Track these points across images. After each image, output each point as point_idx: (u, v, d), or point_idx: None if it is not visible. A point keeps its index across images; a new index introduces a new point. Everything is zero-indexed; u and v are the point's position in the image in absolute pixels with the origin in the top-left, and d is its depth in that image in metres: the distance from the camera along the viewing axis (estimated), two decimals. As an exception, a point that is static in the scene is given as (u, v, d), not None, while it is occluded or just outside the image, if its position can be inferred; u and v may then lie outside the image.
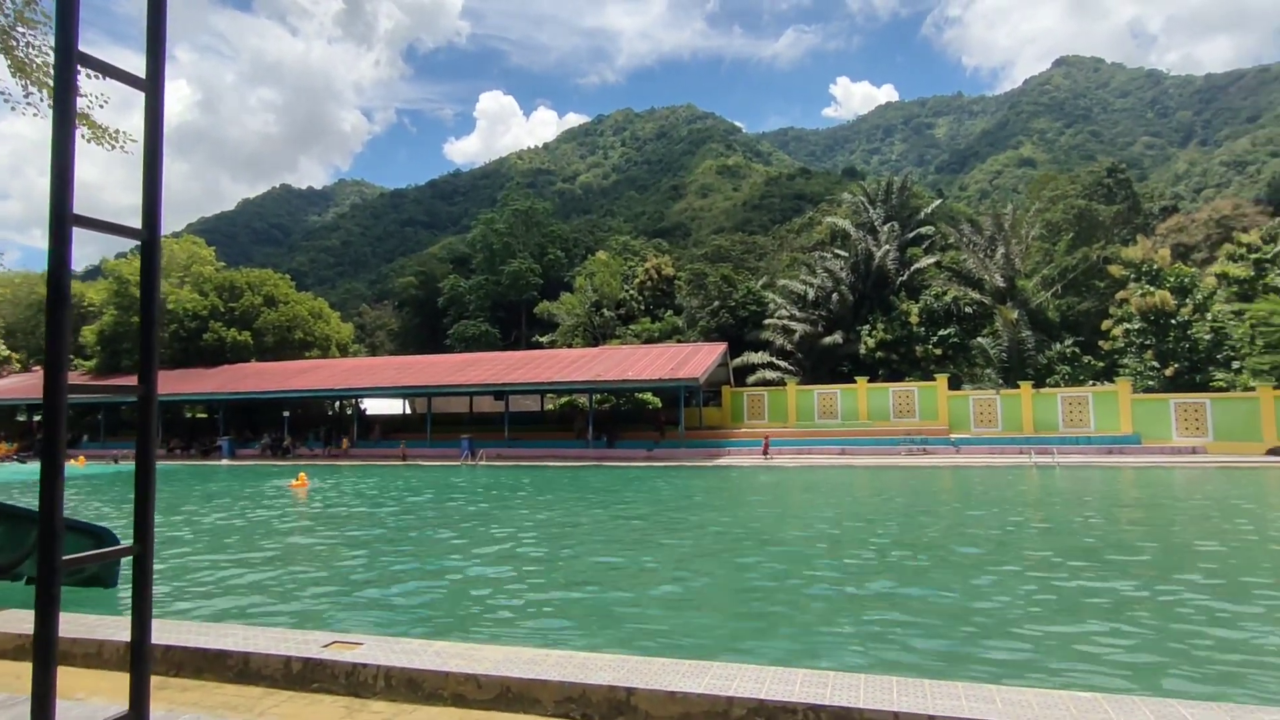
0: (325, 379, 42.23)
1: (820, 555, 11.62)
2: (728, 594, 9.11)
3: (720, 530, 14.17)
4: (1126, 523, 14.72)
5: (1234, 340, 35.10)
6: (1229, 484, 21.18)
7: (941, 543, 12.38)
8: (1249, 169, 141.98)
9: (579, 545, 12.84)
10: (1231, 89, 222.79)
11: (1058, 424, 33.36)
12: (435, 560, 11.51)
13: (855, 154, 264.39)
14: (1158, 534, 13.08)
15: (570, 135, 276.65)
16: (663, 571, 10.49)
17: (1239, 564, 10.48)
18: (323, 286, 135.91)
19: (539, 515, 16.54)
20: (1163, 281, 37.92)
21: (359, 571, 10.72)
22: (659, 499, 19.69)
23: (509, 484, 24.16)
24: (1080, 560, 10.58)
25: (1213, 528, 13.59)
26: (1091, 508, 16.57)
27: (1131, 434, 31.42)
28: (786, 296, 49.04)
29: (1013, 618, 7.66)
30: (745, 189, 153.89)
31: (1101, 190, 58.80)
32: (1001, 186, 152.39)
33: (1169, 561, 10.61)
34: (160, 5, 1.99)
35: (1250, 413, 29.86)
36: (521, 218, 77.26)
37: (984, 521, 14.81)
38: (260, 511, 17.83)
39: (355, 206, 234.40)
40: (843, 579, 9.78)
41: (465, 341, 66.98)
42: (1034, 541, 12.50)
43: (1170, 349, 36.07)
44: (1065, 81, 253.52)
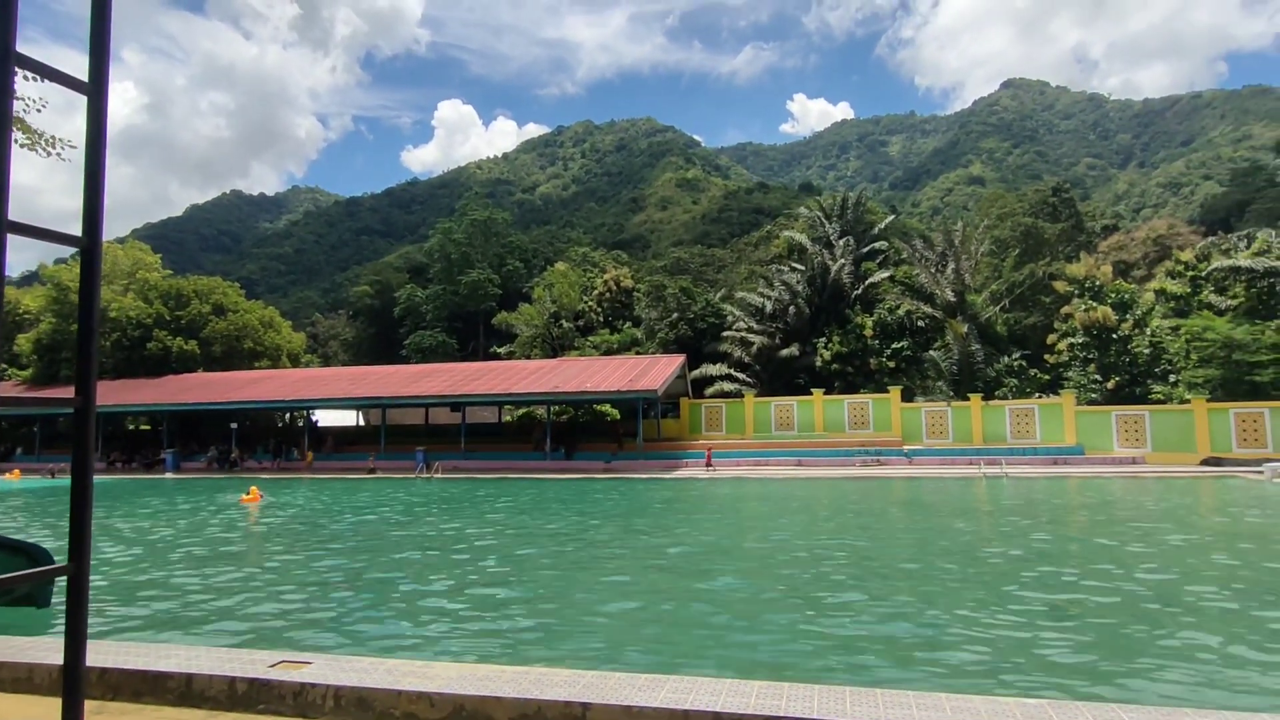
0: (275, 390, 41.20)
1: (779, 567, 11.70)
2: (683, 607, 9.10)
3: (675, 543, 14.18)
4: (1075, 532, 15.14)
5: (1171, 354, 36.52)
6: (1168, 493, 21.97)
7: (901, 555, 12.59)
8: (1183, 190, 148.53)
9: (533, 559, 12.72)
10: (1168, 114, 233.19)
11: (1006, 435, 34.26)
12: (389, 577, 11.29)
13: (812, 169, 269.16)
14: (1102, 543, 13.49)
15: (530, 146, 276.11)
16: (617, 586, 10.45)
17: (1177, 571, 10.87)
18: (274, 295, 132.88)
19: (492, 530, 16.36)
20: (1104, 297, 39.32)
21: (311, 589, 10.45)
22: (611, 512, 19.63)
23: (464, 497, 23.85)
24: (1031, 569, 10.86)
25: (1149, 536, 14.07)
26: (1039, 517, 17.02)
27: (1075, 445, 32.41)
28: (744, 309, 49.52)
29: (966, 626, 7.81)
30: (704, 202, 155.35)
31: (1047, 209, 60.76)
32: (952, 204, 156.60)
33: (1113, 568, 10.95)
34: (104, 6, 1.94)
35: (1186, 425, 31.06)
36: (480, 228, 76.69)
37: (940, 532, 15.09)
38: (209, 529, 17.26)
39: (309, 214, 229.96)
40: (799, 590, 9.86)
41: (422, 352, 66.09)
42: (988, 552, 12.77)
43: (1112, 363, 37.37)
44: (1013, 103, 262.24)
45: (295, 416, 49.12)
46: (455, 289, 72.03)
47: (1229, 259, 37.92)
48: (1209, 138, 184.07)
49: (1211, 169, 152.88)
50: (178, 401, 40.83)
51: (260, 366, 51.86)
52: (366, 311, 78.45)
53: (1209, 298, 38.10)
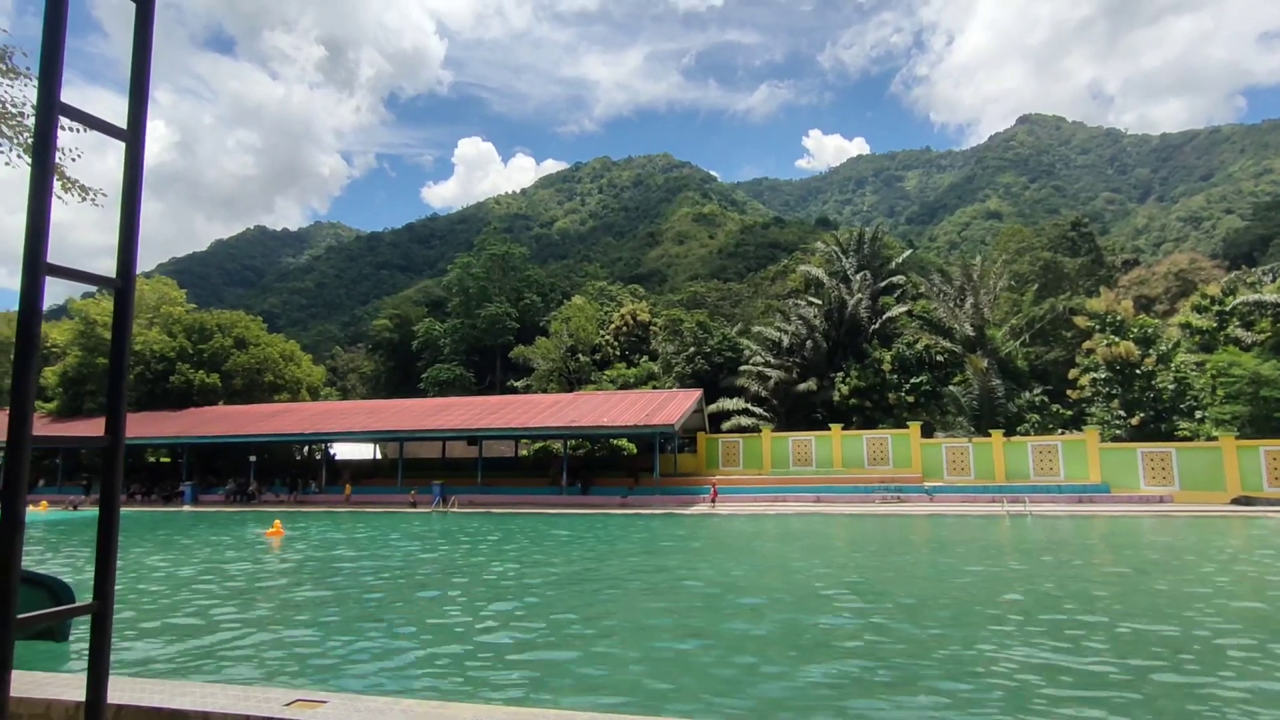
0: (294, 423, 41.49)
1: (803, 611, 11.49)
2: (708, 653, 8.94)
3: (696, 584, 13.98)
4: (1120, 578, 14.77)
5: (1196, 390, 35.93)
6: (1204, 534, 21.43)
7: (930, 600, 12.33)
8: (1204, 224, 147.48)
9: (552, 600, 12.59)
10: (1186, 148, 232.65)
11: (1029, 472, 33.68)
12: (411, 614, 11.21)
13: (828, 204, 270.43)
14: (1145, 590, 13.13)
15: (548, 182, 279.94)
16: (635, 627, 10.30)
17: (1218, 621, 10.54)
18: (295, 328, 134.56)
19: (511, 566, 16.24)
20: (1126, 332, 38.87)
21: (331, 625, 10.38)
22: (627, 550, 19.44)
23: (481, 532, 23.74)
24: (1080, 623, 10.58)
25: (1196, 580, 13.68)
26: (1075, 560, 16.64)
27: (1100, 483, 31.79)
28: (761, 343, 49.44)
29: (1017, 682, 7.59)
30: (721, 237, 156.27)
31: (1066, 243, 60.54)
32: (970, 238, 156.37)
33: (1154, 618, 10.63)
34: (145, 57, 2.00)
35: (1214, 462, 30.40)
36: (498, 262, 77.47)
37: (973, 577, 14.78)
38: (232, 564, 17.25)
39: (331, 249, 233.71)
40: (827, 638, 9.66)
41: (439, 385, 66.40)
42: (1035, 602, 12.47)
43: (1136, 398, 36.79)
44: (1029, 138, 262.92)
45: (313, 450, 49.35)
46: (473, 323, 72.57)
47: (1254, 293, 37.43)
48: (1229, 172, 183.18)
49: (1233, 203, 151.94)
50: (198, 434, 41.20)
51: (280, 399, 52.31)
52: (385, 345, 79.11)
53: (1235, 332, 37.56)
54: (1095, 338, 40.02)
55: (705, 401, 43.14)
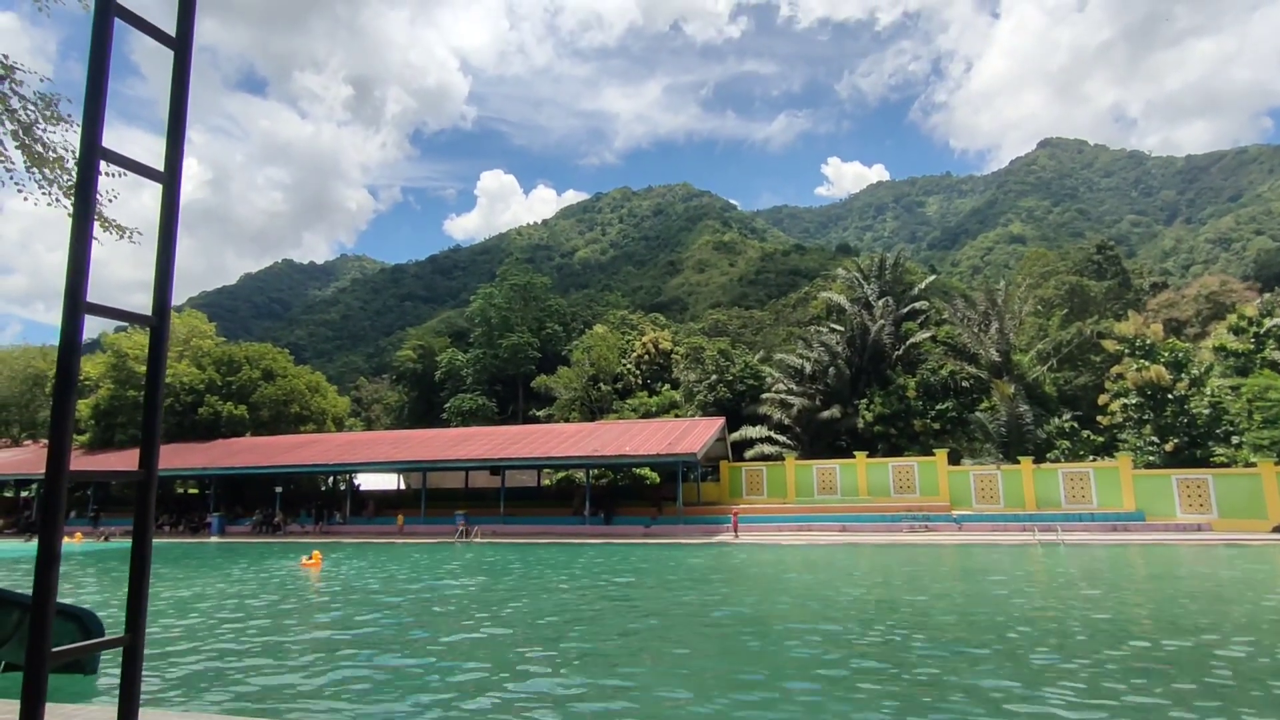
0: (319, 454, 41.85)
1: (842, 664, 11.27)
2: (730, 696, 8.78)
3: (726, 626, 13.79)
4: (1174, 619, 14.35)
5: (1232, 415, 35.09)
6: (1248, 563, 20.78)
7: (965, 637, 12.06)
8: (1234, 246, 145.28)
9: (576, 637, 12.48)
10: (1212, 169, 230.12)
11: (1060, 500, 32.98)
12: (449, 656, 11.15)
13: (848, 231, 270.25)
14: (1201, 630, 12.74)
15: (569, 212, 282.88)
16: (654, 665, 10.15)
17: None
18: (321, 360, 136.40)
19: (541, 602, 16.15)
20: (1157, 356, 38.16)
21: (367, 659, 10.36)
22: (649, 584, 19.25)
23: (507, 564, 23.65)
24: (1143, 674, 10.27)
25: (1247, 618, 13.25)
26: (1129, 598, 16.20)
27: (1135, 510, 31.03)
28: (784, 371, 49.17)
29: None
30: (741, 264, 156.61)
31: (1092, 266, 59.89)
32: (993, 262, 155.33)
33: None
34: (182, 102, 2.06)
35: (1254, 489, 29.57)
36: (520, 292, 78.14)
37: (1001, 614, 14.45)
38: (269, 593, 17.29)
39: (356, 281, 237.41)
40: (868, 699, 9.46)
41: (462, 415, 66.73)
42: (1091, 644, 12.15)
43: (1169, 424, 35.99)
44: (1051, 162, 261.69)
45: (338, 480, 49.68)
46: (495, 352, 73.06)
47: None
48: (1258, 192, 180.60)
49: (1263, 224, 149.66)
50: (225, 465, 41.67)
51: (306, 430, 52.86)
52: (408, 375, 79.79)
53: (1272, 355, 36.73)
54: (1125, 362, 39.32)
55: (728, 430, 42.89)
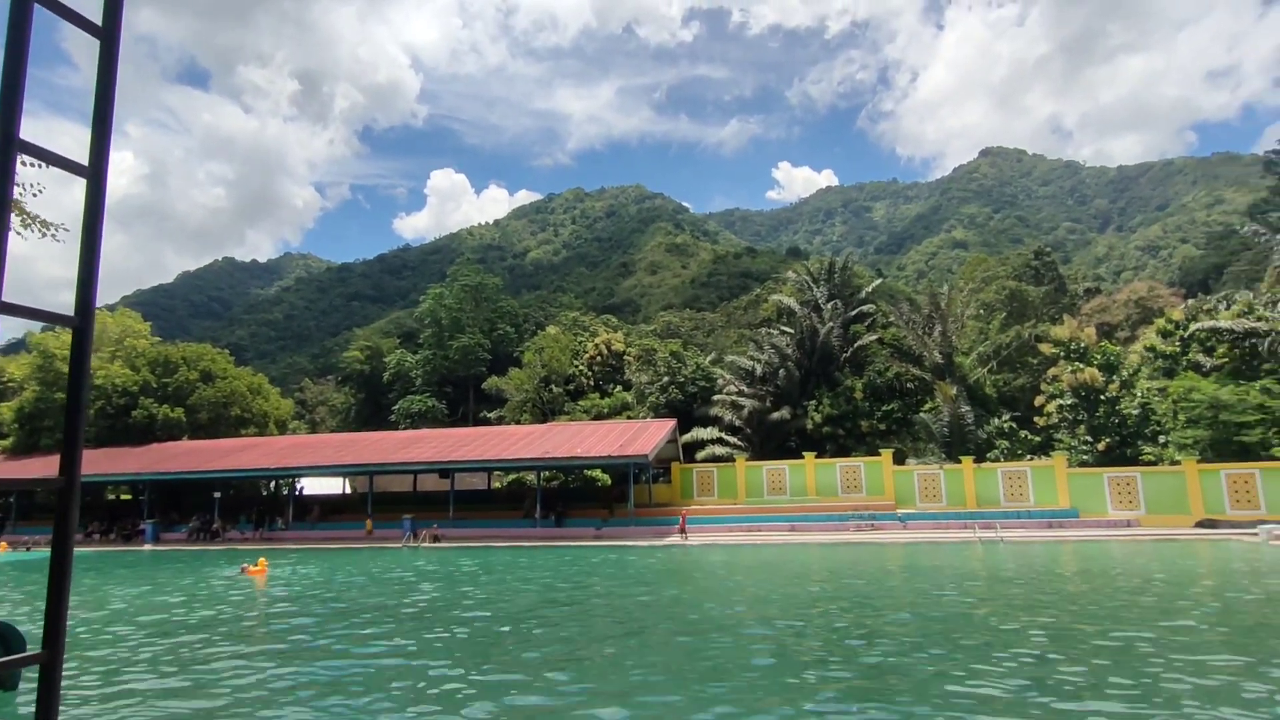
0: (261, 458, 40.62)
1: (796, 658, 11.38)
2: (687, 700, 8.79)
3: (674, 627, 13.83)
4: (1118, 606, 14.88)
5: (1159, 415, 36.68)
6: (1171, 557, 21.73)
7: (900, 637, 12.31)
8: (1162, 253, 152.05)
9: (522, 651, 12.36)
10: (1141, 180, 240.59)
11: (999, 498, 34.01)
12: (406, 658, 10.92)
13: (798, 234, 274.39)
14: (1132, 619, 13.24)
15: (521, 213, 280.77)
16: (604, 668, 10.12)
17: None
18: (263, 361, 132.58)
19: (498, 609, 15.96)
20: (1090, 359, 39.67)
21: (318, 674, 10.06)
22: (596, 587, 19.21)
23: (458, 569, 23.31)
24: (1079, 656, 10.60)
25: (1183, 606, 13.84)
26: (1062, 588, 16.75)
27: (1069, 508, 32.18)
28: (735, 372, 49.64)
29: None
30: (693, 266, 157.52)
31: (1030, 272, 61.99)
32: (937, 267, 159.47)
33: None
34: (108, 93, 1.97)
35: (1178, 486, 30.96)
36: (471, 292, 77.23)
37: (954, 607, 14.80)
38: (207, 606, 16.68)
39: (301, 280, 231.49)
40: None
41: (411, 418, 65.62)
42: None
43: (1101, 424, 37.44)
44: (992, 170, 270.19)
45: (280, 485, 48.33)
46: (445, 354, 72.05)
47: (1211, 320, 38.51)
48: (1183, 202, 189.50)
49: (1188, 233, 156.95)
50: (160, 470, 40.12)
51: (247, 433, 51.29)
52: (356, 377, 78.10)
53: (1196, 357, 38.53)
54: (1060, 365, 40.77)
55: (679, 431, 43.09)
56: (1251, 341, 35.52)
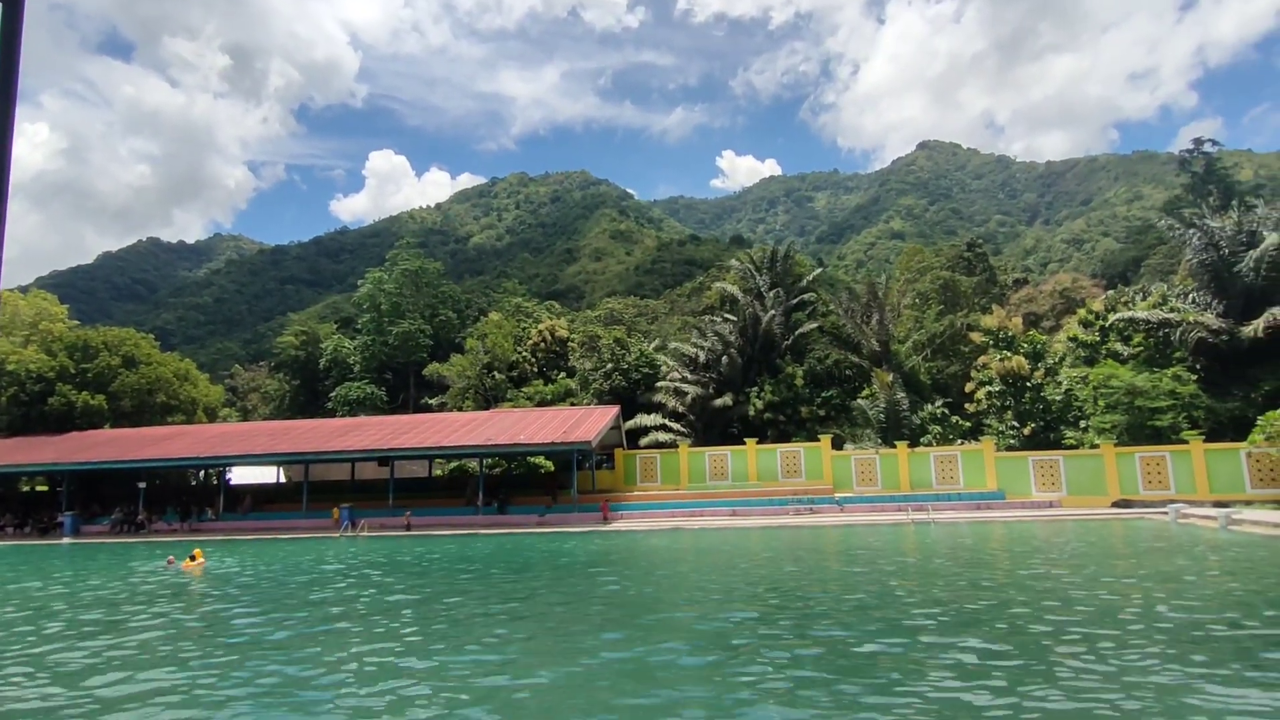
0: (189, 447, 39.14)
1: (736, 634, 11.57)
2: (628, 680, 8.88)
3: (617, 603, 13.93)
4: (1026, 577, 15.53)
5: (1081, 401, 38.43)
6: (1100, 536, 22.87)
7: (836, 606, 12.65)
8: (1085, 246, 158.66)
9: (463, 634, 12.28)
10: (1068, 175, 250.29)
11: (931, 481, 35.20)
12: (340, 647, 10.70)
13: (742, 223, 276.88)
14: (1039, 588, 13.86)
15: (464, 196, 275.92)
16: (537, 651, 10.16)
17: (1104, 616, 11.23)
18: (191, 346, 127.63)
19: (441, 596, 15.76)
20: (1017, 347, 41.26)
21: (231, 670, 9.78)
22: (540, 570, 19.21)
23: (393, 558, 22.96)
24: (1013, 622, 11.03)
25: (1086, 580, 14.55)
26: (981, 564, 17.44)
27: (997, 490, 33.53)
28: (678, 359, 49.98)
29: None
30: (638, 253, 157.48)
31: (963, 263, 63.89)
32: (876, 257, 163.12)
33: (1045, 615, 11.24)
34: (12, 63, 1.87)
35: (1097, 469, 32.57)
36: (411, 277, 75.61)
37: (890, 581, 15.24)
38: (135, 601, 16.03)
39: (231, 262, 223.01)
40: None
41: (349, 405, 64.05)
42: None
43: (1027, 409, 39.04)
44: (928, 163, 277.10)
45: (210, 474, 46.70)
46: (385, 340, 70.49)
47: (1128, 311, 40.43)
48: (1105, 198, 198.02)
49: (1109, 227, 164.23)
50: (79, 460, 38.29)
51: (174, 421, 49.33)
52: (290, 363, 75.72)
53: (1115, 346, 40.43)
54: (989, 353, 42.28)
55: (623, 418, 43.22)
56: (1165, 331, 37.45)
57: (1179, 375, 34.27)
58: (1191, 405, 33.47)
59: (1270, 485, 29.64)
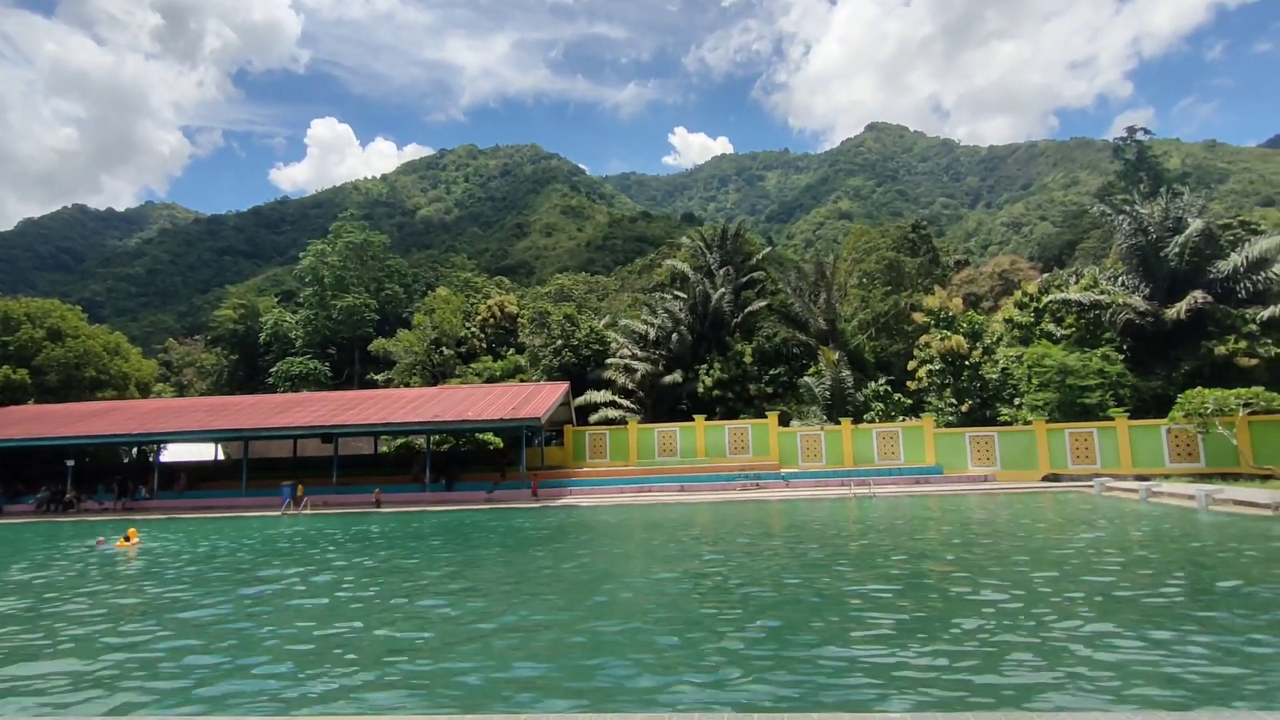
0: (120, 423, 37.71)
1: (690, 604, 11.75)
2: (565, 647, 8.96)
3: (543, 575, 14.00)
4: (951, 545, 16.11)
5: (1015, 380, 39.84)
6: (1031, 508, 23.83)
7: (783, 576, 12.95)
8: (1024, 229, 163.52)
9: (399, 606, 12.21)
10: (1009, 160, 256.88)
11: (873, 457, 36.17)
12: (278, 629, 10.51)
13: (693, 200, 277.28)
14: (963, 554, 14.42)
15: (411, 168, 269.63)
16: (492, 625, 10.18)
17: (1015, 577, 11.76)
18: (123, 319, 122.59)
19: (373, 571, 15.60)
20: (957, 327, 42.49)
21: (169, 650, 9.54)
22: (485, 546, 19.19)
23: (335, 535, 22.61)
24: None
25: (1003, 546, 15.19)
26: (915, 533, 18.02)
27: (936, 465, 34.66)
28: (628, 336, 50.07)
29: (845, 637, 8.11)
30: (589, 229, 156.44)
31: (907, 244, 65.23)
32: (824, 236, 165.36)
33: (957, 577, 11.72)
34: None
35: (1029, 444, 33.92)
36: (356, 250, 73.66)
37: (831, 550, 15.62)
38: (70, 585, 15.44)
39: (165, 232, 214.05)
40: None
41: (291, 380, 62.42)
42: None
43: (965, 387, 40.33)
44: (876, 145, 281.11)
45: (144, 451, 45.13)
46: (329, 314, 68.72)
47: (1061, 293, 41.92)
48: (1044, 183, 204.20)
49: (1047, 211, 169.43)
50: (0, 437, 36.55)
51: (104, 397, 47.42)
52: (228, 337, 73.25)
53: (1048, 327, 41.93)
54: (931, 332, 43.44)
55: (573, 394, 43.20)
56: (1095, 313, 39.00)
57: (1108, 355, 35.77)
58: (1118, 384, 35.01)
59: (1187, 460, 31.33)
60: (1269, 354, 34.40)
